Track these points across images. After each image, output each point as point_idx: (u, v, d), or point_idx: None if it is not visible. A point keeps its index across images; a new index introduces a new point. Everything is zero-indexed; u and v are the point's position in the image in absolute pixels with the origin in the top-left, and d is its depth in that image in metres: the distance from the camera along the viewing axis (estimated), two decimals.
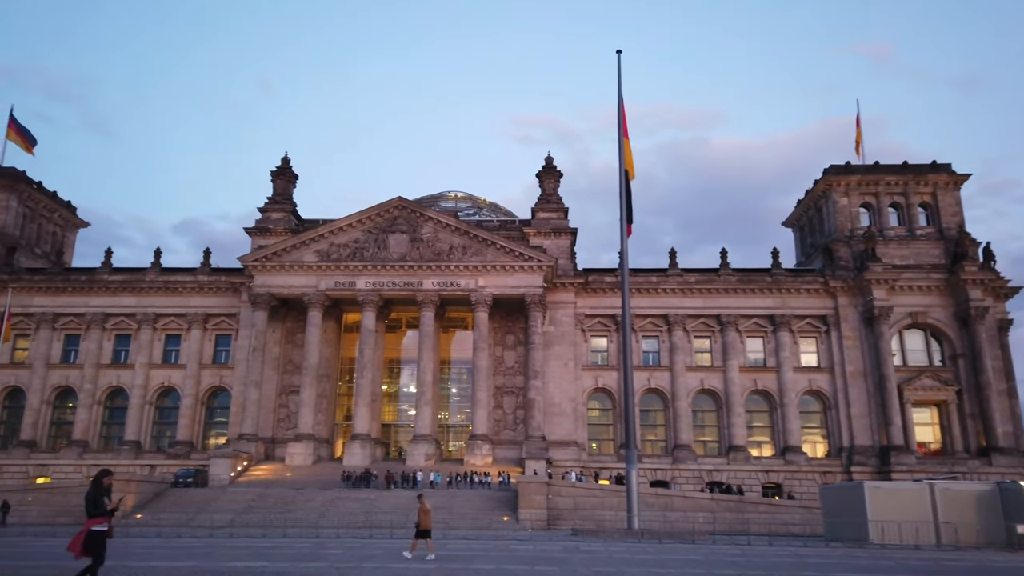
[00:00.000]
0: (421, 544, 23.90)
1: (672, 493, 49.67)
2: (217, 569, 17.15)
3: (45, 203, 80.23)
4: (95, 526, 13.56)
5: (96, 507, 13.70)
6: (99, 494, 13.86)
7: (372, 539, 32.69)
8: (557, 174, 74.65)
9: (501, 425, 67.48)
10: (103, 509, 13.69)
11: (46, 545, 28.28)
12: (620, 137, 37.32)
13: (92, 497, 13.81)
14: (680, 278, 71.38)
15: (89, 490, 13.96)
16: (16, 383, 71.17)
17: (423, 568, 17.92)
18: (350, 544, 28.58)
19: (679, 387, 68.68)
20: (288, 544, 27.52)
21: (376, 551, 24.08)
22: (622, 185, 37.19)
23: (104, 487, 14.05)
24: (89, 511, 13.74)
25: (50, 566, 18.09)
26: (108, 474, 14.33)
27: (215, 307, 71.89)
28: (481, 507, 47.31)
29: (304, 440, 62.40)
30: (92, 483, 14.12)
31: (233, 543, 29.08)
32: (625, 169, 37.94)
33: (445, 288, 65.73)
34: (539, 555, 21.96)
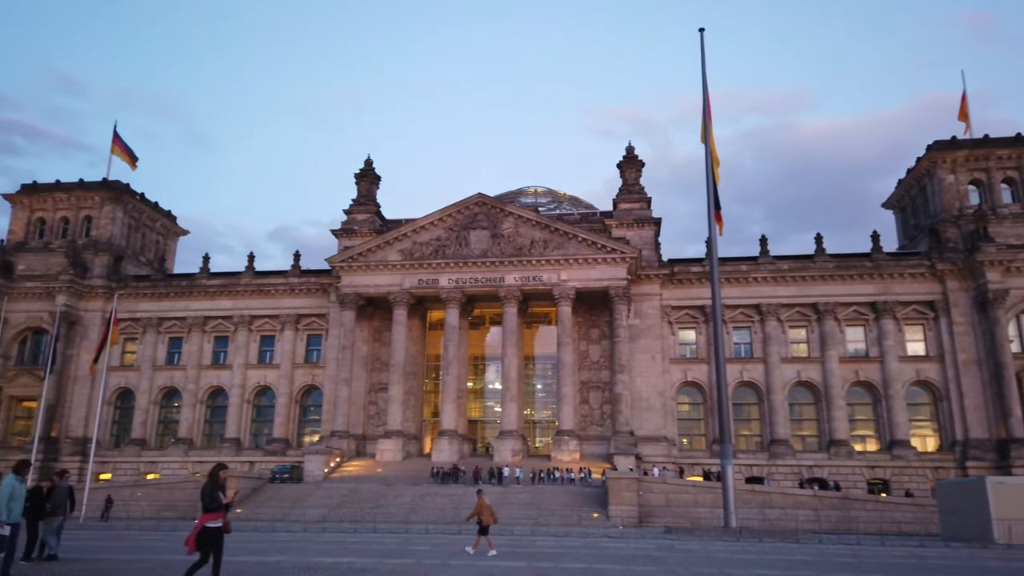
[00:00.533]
0: (484, 540, 23.23)
1: (770, 490, 47.48)
2: (303, 564, 17.06)
3: (148, 213, 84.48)
4: (209, 522, 13.12)
5: (212, 501, 13.29)
6: (214, 488, 13.46)
7: (460, 535, 32.47)
8: (638, 163, 72.95)
9: (588, 420, 66.45)
10: (218, 503, 13.26)
11: (149, 539, 29.31)
12: (705, 117, 35.74)
13: (207, 491, 13.44)
14: (772, 266, 68.45)
15: (204, 484, 13.57)
16: (126, 384, 75.18)
17: (512, 566, 17.30)
18: (438, 540, 28.39)
19: (774, 379, 65.86)
20: (377, 540, 27.56)
21: (463, 547, 23.68)
22: (709, 167, 35.61)
23: (219, 481, 13.63)
24: (204, 505, 13.35)
25: (156, 560, 18.39)
26: (223, 468, 13.82)
27: (306, 308, 73.87)
28: (569, 503, 46.53)
29: (393, 436, 63.21)
30: (208, 477, 13.69)
31: (323, 538, 29.38)
32: (711, 151, 36.30)
33: (527, 283, 65.22)
34: (633, 554, 21.00)
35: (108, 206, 78.89)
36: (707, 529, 35.27)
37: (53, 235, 78.78)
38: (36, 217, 79.60)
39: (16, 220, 79.40)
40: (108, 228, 78.29)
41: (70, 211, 79.29)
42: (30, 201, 79.50)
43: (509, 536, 31.71)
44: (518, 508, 45.21)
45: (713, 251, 38.47)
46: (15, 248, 77.63)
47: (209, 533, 13.07)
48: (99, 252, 76.72)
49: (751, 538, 31.60)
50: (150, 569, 16.37)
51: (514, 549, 23.14)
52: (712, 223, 36.93)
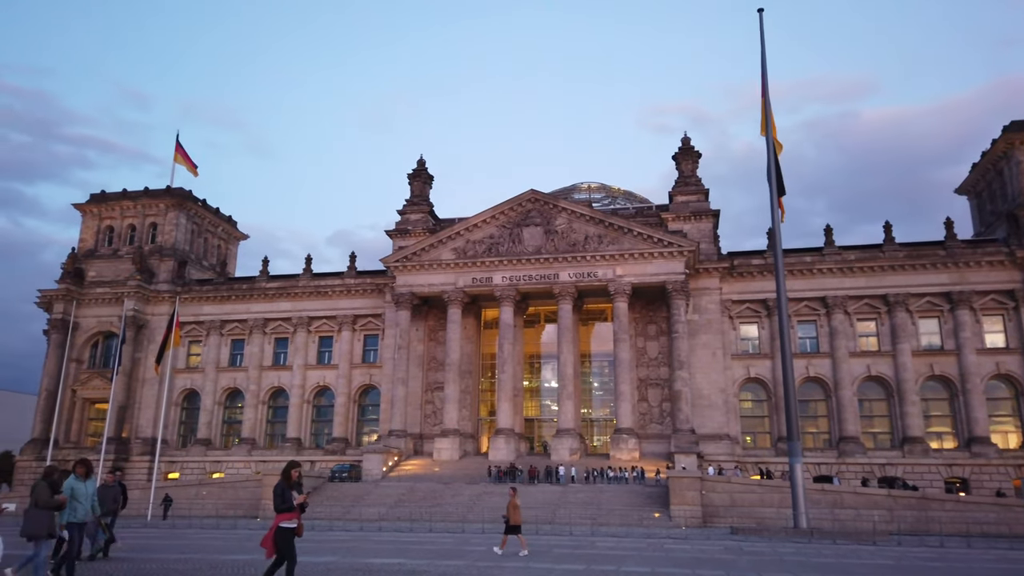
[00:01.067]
0: (512, 540, 22.71)
1: (842, 489, 45.39)
2: (353, 565, 16.65)
3: (209, 219, 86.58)
4: (283, 522, 12.67)
5: (283, 501, 12.83)
6: (287, 487, 13.01)
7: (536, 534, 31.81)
8: (695, 154, 71.18)
9: (647, 418, 65.06)
10: (290, 504, 12.77)
11: (206, 537, 29.57)
12: (766, 97, 34.19)
13: (280, 490, 12.96)
14: (838, 256, 65.82)
15: (277, 483, 13.09)
16: (192, 386, 77.13)
17: (570, 570, 16.51)
18: (494, 540, 27.73)
19: (842, 375, 63.26)
20: (432, 539, 27.14)
21: (519, 549, 22.95)
22: (770, 149, 34.06)
23: (292, 480, 13.15)
24: (276, 505, 12.86)
25: (205, 560, 18.21)
26: (296, 466, 13.36)
27: (362, 308, 74.47)
28: (630, 503, 45.41)
29: (450, 435, 63.06)
30: (281, 475, 13.25)
31: (379, 537, 29.16)
32: (771, 133, 34.73)
33: (582, 279, 64.22)
34: (698, 556, 19.92)
35: (172, 212, 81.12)
36: (775, 530, 33.76)
37: (121, 242, 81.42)
38: (105, 225, 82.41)
39: (86, 229, 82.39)
40: (172, 234, 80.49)
41: (136, 218, 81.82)
42: (99, 210, 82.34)
43: (568, 537, 30.88)
44: (577, 508, 44.34)
45: (777, 238, 36.80)
46: (86, 256, 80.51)
47: (285, 534, 12.63)
48: (164, 257, 78.93)
49: (823, 539, 30.00)
50: (196, 569, 16.15)
51: (573, 551, 22.32)
52: (775, 207, 35.30)
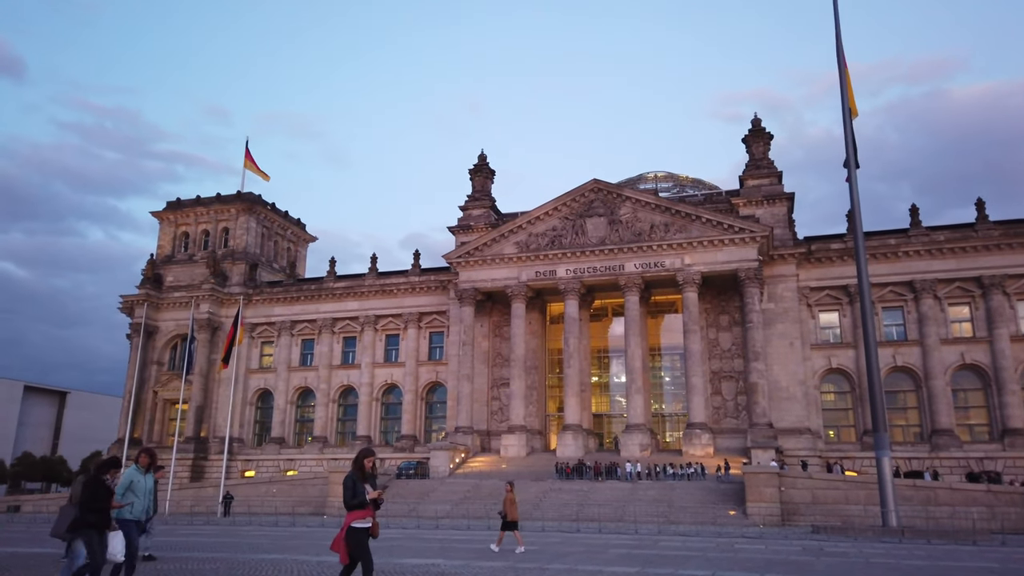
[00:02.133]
0: (509, 536, 21.98)
1: (936, 485, 42.09)
2: (384, 566, 15.58)
3: (279, 222, 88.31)
4: (356, 521, 10.67)
5: (354, 495, 10.82)
6: (360, 479, 10.98)
7: (578, 533, 30.42)
8: (766, 136, 68.01)
9: (721, 413, 62.41)
10: (362, 499, 10.77)
11: (260, 534, 29.36)
12: (841, 70, 31.70)
13: (351, 483, 10.86)
14: (926, 237, 61.60)
15: (348, 474, 11.04)
16: (265, 385, 78.71)
17: (621, 572, 15.08)
18: (549, 539, 26.46)
19: (933, 363, 59.12)
20: (486, 538, 26.01)
21: (573, 549, 21.55)
22: (847, 120, 31.54)
23: (366, 471, 11.11)
24: (347, 500, 10.83)
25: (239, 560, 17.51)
26: (370, 454, 11.25)
27: (427, 306, 74.34)
28: (703, 500, 43.30)
29: (516, 432, 62.07)
30: (353, 465, 11.19)
31: (430, 535, 28.34)
32: (848, 107, 32.19)
33: (648, 269, 62.12)
34: (771, 558, 18.09)
35: (242, 217, 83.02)
36: (861, 529, 31.25)
37: (196, 247, 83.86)
38: (181, 232, 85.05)
39: (163, 235, 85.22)
40: (243, 238, 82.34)
41: (209, 224, 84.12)
42: (175, 217, 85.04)
43: (632, 535, 29.24)
44: (645, 505, 42.57)
45: (856, 215, 34.02)
46: (164, 262, 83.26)
47: (357, 535, 10.65)
48: (236, 261, 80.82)
49: (916, 539, 27.43)
50: (215, 570, 15.43)
51: (631, 551, 20.73)
52: (853, 180, 32.60)
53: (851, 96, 31.99)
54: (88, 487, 11.90)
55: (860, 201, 34.33)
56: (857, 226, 34.11)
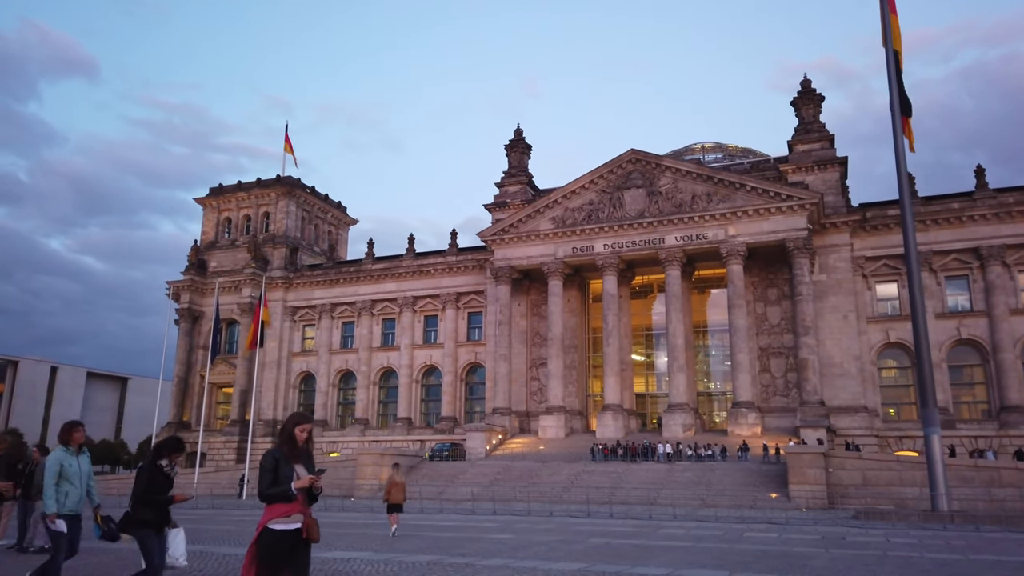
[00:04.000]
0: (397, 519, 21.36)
1: (1000, 465, 38.62)
2: (381, 562, 13.89)
3: (319, 205, 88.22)
4: (275, 520, 7.08)
5: (274, 481, 7.16)
6: (289, 456, 7.28)
7: (587, 518, 28.47)
8: (817, 98, 64.09)
9: (770, 391, 59.36)
10: (285, 489, 7.10)
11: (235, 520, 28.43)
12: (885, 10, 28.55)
13: (271, 463, 7.22)
14: (993, 200, 57.06)
15: (268, 451, 7.35)
16: (308, 369, 78.94)
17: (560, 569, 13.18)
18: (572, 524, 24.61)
19: (1002, 335, 54.83)
20: (503, 524, 24.39)
21: (549, 538, 19.54)
22: (891, 65, 28.44)
23: (298, 445, 7.37)
24: (263, 489, 7.21)
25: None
26: (304, 420, 7.51)
27: (464, 286, 73.08)
28: (744, 483, 40.82)
29: (555, 412, 60.38)
30: (279, 435, 7.61)
31: (437, 521, 26.92)
32: (895, 49, 29.05)
33: (690, 242, 59.29)
34: (767, 549, 15.74)
35: (282, 201, 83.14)
36: (907, 514, 28.53)
37: (238, 232, 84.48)
38: (223, 217, 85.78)
39: (207, 221, 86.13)
40: (283, 221, 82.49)
41: (251, 208, 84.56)
42: (217, 203, 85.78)
43: (641, 521, 27.01)
44: (682, 488, 40.34)
45: (901, 166, 30.78)
46: (207, 247, 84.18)
47: (274, 540, 7.07)
48: (276, 245, 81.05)
49: (965, 525, 24.70)
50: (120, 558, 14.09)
51: (613, 540, 18.37)
52: (898, 131, 29.41)
53: (896, 35, 28.83)
54: (143, 475, 9.02)
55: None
56: (902, 178, 30.91)
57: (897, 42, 29.01)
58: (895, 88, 28.58)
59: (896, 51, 28.85)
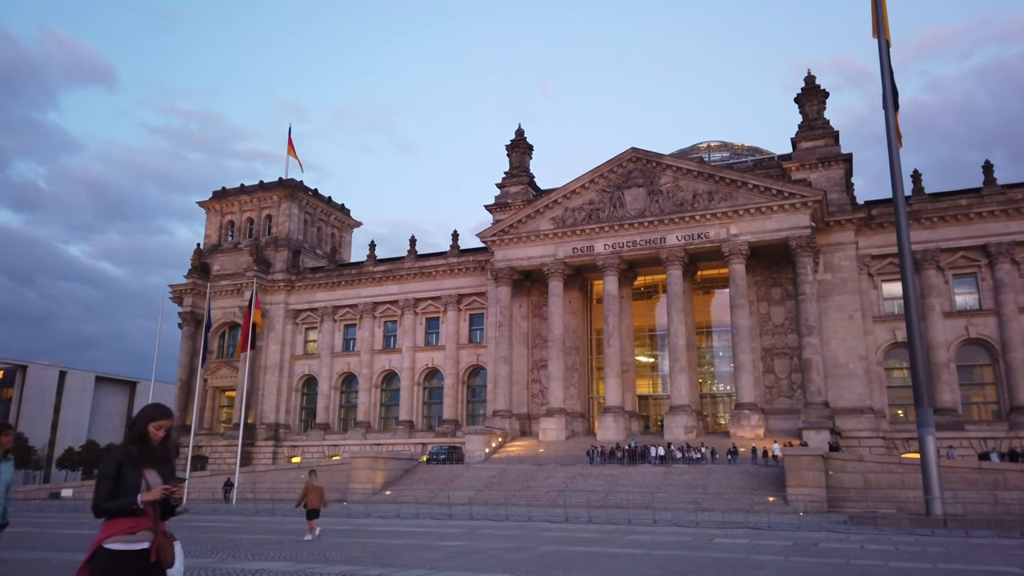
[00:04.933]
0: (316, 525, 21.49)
1: (1005, 467, 37.47)
2: None
3: (322, 208, 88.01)
4: (112, 539, 5.56)
5: (114, 492, 5.65)
6: (137, 459, 5.79)
7: (566, 523, 27.72)
8: (821, 94, 63.10)
9: (774, 392, 58.30)
10: (130, 502, 5.58)
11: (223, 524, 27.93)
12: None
13: (113, 468, 5.71)
14: (1001, 196, 55.87)
15: (111, 455, 5.86)
16: (310, 372, 78.61)
17: None
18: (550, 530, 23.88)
19: (1011, 334, 53.55)
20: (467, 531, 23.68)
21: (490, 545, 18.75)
22: (884, 56, 27.56)
23: (152, 443, 5.90)
24: (98, 501, 5.67)
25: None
26: (161, 415, 5.99)
27: (466, 288, 72.53)
28: (741, 485, 39.90)
29: (555, 415, 59.63)
30: (127, 434, 6.08)
31: (396, 527, 26.31)
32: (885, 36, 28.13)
33: (691, 241, 58.40)
34: (720, 558, 14.56)
35: (284, 204, 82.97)
36: (901, 518, 27.55)
37: (241, 235, 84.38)
38: (226, 220, 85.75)
39: (210, 225, 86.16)
40: (285, 224, 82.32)
41: (253, 211, 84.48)
42: (220, 206, 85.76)
43: (620, 527, 26.10)
44: (678, 491, 39.50)
45: (894, 159, 29.72)
46: (211, 251, 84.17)
47: (114, 563, 5.52)
48: (279, 248, 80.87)
49: (956, 530, 23.71)
50: None
51: (564, 547, 17.65)
52: (890, 116, 28.40)
53: (885, 20, 27.90)
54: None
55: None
56: (896, 177, 29.89)
57: (888, 32, 28.10)
58: (887, 79, 27.64)
59: (888, 41, 27.95)
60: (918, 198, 58.41)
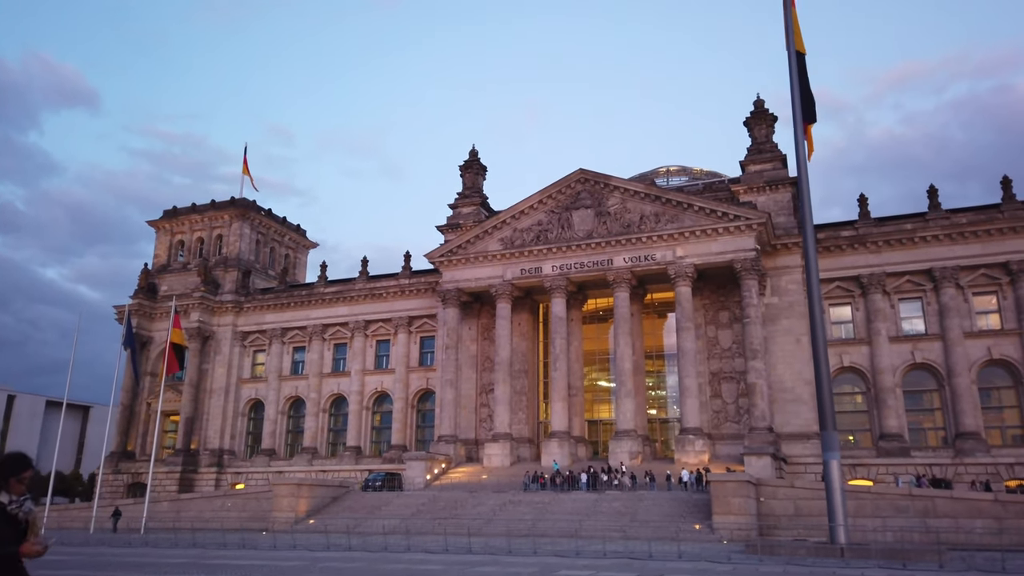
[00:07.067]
0: None
1: (935, 493, 36.62)
2: None
3: (275, 228, 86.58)
4: None
5: None
6: None
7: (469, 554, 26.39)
8: (769, 118, 63.14)
9: (721, 417, 57.36)
10: None
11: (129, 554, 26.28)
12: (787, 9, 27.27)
13: None
14: (946, 220, 55.85)
15: None
16: (257, 395, 76.58)
17: None
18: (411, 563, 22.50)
19: (956, 359, 53.15)
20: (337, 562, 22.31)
21: None
22: (793, 67, 27.08)
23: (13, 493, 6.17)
24: None
25: None
26: (19, 467, 6.25)
27: (417, 309, 71.28)
28: (670, 513, 38.70)
29: (501, 440, 58.22)
30: None
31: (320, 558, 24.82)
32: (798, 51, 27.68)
33: (638, 263, 57.72)
34: None
35: (236, 223, 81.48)
36: (799, 547, 26.47)
37: (191, 255, 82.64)
38: (176, 240, 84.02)
39: (160, 244, 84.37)
40: (236, 244, 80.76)
41: (204, 231, 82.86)
42: (171, 225, 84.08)
43: (497, 556, 24.88)
44: (607, 519, 38.23)
45: (802, 178, 29.21)
46: (159, 271, 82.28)
47: None
48: (228, 268, 79.20)
49: (858, 561, 22.67)
50: None
51: None
52: (800, 140, 27.89)
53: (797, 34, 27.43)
54: None
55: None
56: (803, 194, 29.27)
57: (800, 43, 27.63)
58: (796, 91, 27.14)
59: (800, 53, 27.47)
60: (864, 222, 58.33)
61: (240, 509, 48.84)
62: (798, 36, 27.33)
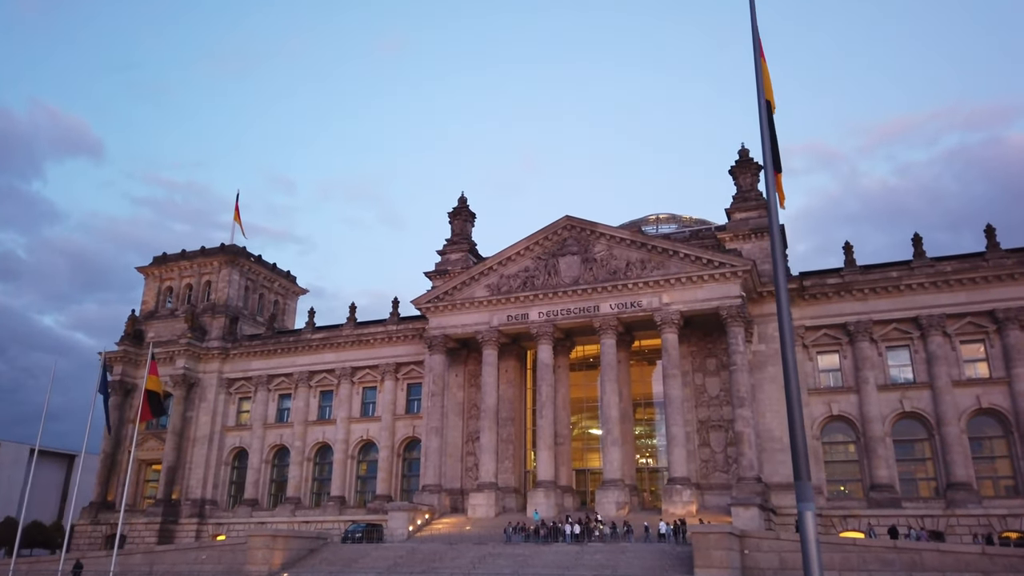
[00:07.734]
0: None
1: (921, 546, 35.73)
2: None
3: (265, 274, 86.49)
4: None
5: None
6: None
7: None
8: (754, 166, 63.59)
9: (710, 466, 56.43)
10: None
11: None
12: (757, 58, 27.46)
13: None
14: (931, 268, 55.88)
15: None
16: (241, 444, 75.41)
17: None
18: None
19: (945, 408, 52.58)
20: None
21: None
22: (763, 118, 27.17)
23: None
24: None
25: None
26: None
27: (404, 356, 70.74)
28: (653, 566, 37.67)
29: (486, 490, 57.15)
30: None
31: None
32: (767, 100, 27.81)
33: (624, 310, 57.53)
34: None
35: (225, 270, 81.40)
36: None
37: (179, 302, 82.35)
38: (165, 286, 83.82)
39: (148, 291, 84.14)
40: (224, 291, 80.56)
41: (193, 277, 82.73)
42: (159, 271, 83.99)
43: None
44: (588, 571, 37.17)
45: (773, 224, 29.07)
46: (146, 317, 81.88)
47: None
48: (216, 315, 78.85)
49: None
50: None
51: None
52: (771, 186, 27.78)
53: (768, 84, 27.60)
54: None
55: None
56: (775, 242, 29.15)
57: (769, 92, 27.82)
58: (767, 141, 27.22)
59: (768, 102, 27.64)
60: (850, 269, 58.40)
61: (215, 561, 47.49)
62: (768, 86, 27.58)
